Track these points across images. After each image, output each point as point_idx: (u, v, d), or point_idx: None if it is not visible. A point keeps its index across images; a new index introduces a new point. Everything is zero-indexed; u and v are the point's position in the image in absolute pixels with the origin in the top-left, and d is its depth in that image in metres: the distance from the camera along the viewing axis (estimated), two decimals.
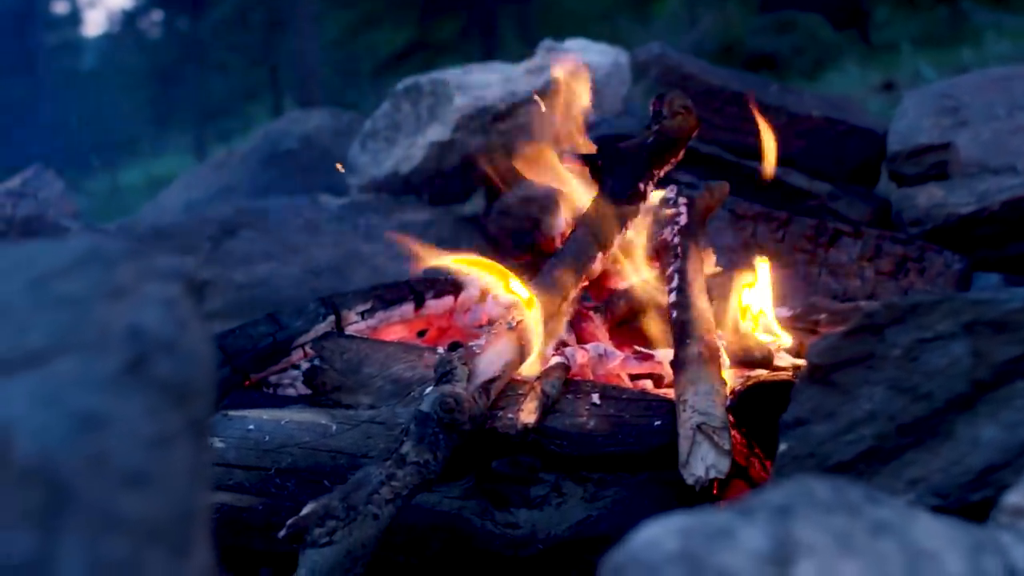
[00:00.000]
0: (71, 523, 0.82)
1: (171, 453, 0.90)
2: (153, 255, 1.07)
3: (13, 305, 1.02)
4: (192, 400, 0.95)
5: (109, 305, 1.00)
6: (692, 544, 1.01)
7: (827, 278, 3.14)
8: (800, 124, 4.00)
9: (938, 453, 1.60)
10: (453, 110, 4.11)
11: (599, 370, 2.39)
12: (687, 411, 2.02)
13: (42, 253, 1.08)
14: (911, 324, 1.62)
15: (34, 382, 0.93)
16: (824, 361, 1.66)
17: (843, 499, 1.10)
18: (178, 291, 1.03)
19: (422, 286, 2.66)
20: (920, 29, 15.13)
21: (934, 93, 4.01)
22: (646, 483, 2.10)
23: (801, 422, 1.67)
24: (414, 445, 1.98)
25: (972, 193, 3.36)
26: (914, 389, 1.61)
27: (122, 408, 0.90)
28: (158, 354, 0.95)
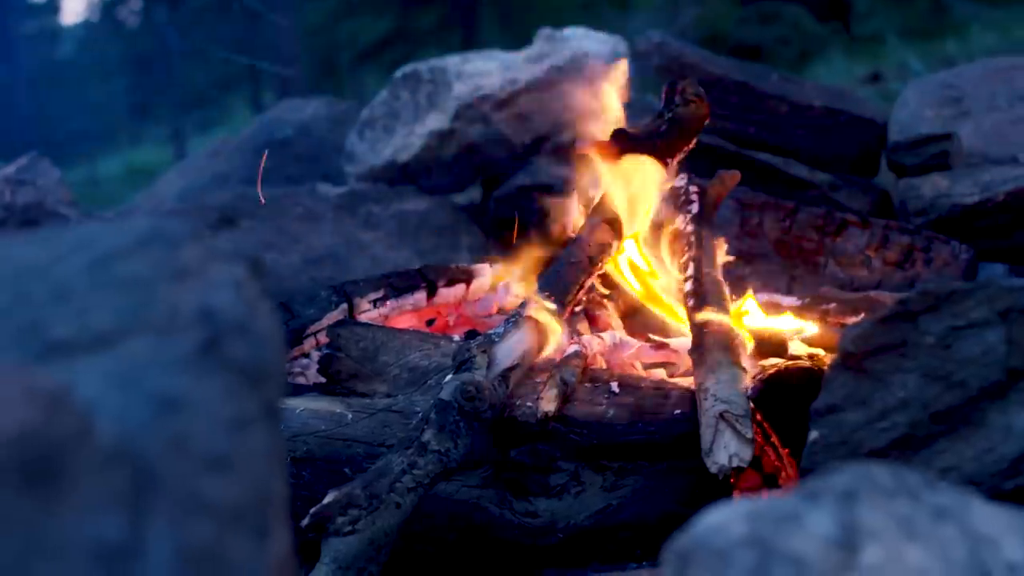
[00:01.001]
0: (158, 506, 0.81)
1: (250, 436, 0.89)
2: (215, 236, 1.06)
3: (74, 287, 1.01)
4: (266, 383, 0.94)
5: (175, 286, 0.99)
6: (760, 528, 1.01)
7: (834, 268, 3.14)
8: (801, 114, 4.00)
9: (971, 441, 1.60)
10: (452, 98, 4.10)
11: (614, 359, 2.39)
12: (709, 399, 2.01)
13: (101, 234, 1.07)
14: (945, 312, 1.61)
15: (106, 364, 0.92)
16: (857, 348, 1.66)
17: (903, 484, 1.09)
18: (243, 272, 1.02)
19: (434, 274, 2.65)
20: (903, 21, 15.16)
21: (936, 83, 4.02)
22: (666, 472, 2.10)
23: (833, 409, 1.67)
24: (435, 433, 1.97)
25: (976, 183, 3.36)
26: (947, 377, 1.61)
27: (200, 390, 0.89)
28: (231, 336, 0.94)
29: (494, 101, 4.07)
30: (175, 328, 0.95)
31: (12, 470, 0.76)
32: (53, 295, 1.00)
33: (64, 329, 0.96)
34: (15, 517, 0.76)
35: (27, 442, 0.77)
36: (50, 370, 0.92)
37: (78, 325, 0.97)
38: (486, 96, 4.07)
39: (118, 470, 0.81)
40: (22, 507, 0.76)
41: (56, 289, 1.01)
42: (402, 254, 4.00)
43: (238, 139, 4.96)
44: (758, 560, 0.98)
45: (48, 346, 0.96)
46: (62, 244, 1.07)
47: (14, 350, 0.96)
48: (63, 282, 1.01)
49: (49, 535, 0.76)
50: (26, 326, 0.98)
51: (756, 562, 0.98)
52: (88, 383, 0.90)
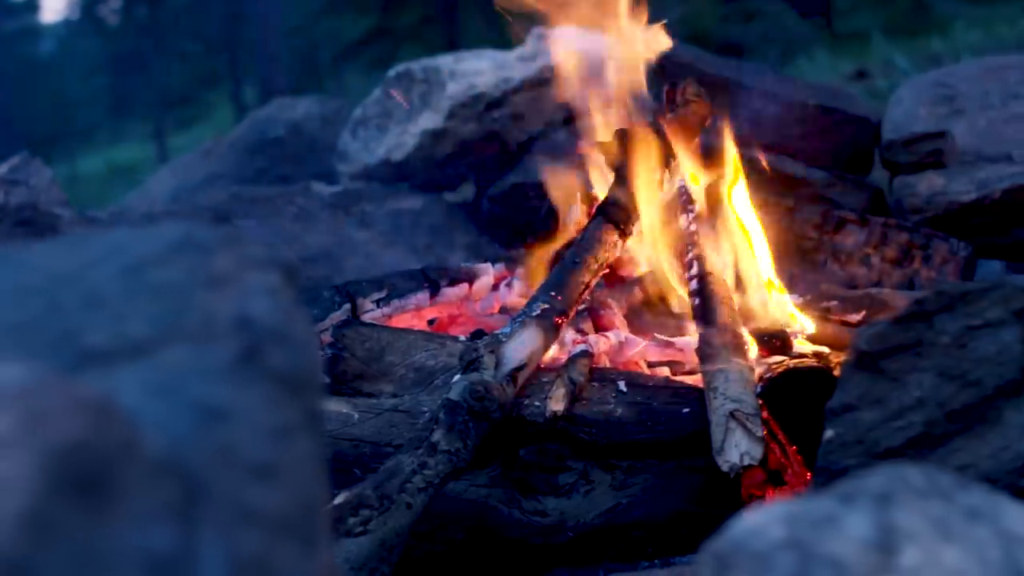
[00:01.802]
0: (208, 516, 0.80)
1: (293, 445, 0.88)
2: (247, 242, 1.06)
3: (106, 294, 1.00)
4: (306, 391, 0.93)
5: (210, 294, 0.98)
6: (798, 531, 1.01)
7: (833, 265, 3.15)
8: (795, 112, 4.01)
9: (987, 439, 1.60)
10: (446, 97, 4.09)
11: (619, 358, 2.39)
12: (718, 398, 2.02)
13: (132, 241, 1.07)
14: (960, 311, 1.61)
15: (144, 373, 0.92)
16: (872, 348, 1.66)
17: (936, 485, 1.09)
18: (278, 279, 1.01)
19: (436, 274, 2.65)
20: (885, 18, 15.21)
21: (929, 82, 4.03)
22: (675, 470, 2.10)
23: (848, 408, 1.67)
24: (444, 433, 1.97)
25: (972, 181, 3.38)
26: (963, 376, 1.61)
27: (242, 399, 0.88)
28: (270, 344, 0.93)
29: (488, 100, 4.07)
30: (213, 336, 0.94)
31: (64, 482, 0.76)
32: (85, 303, 1.00)
33: (99, 337, 0.96)
34: (67, 529, 0.75)
35: (77, 453, 0.76)
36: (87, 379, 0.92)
37: (113, 333, 0.96)
38: (480, 95, 4.07)
39: (167, 481, 0.80)
40: (74, 519, 0.76)
41: (88, 297, 1.00)
42: (396, 253, 3.99)
43: (230, 138, 4.94)
44: (798, 563, 0.97)
45: (83, 355, 0.95)
46: (91, 251, 1.06)
47: (49, 359, 0.95)
48: (95, 289, 1.01)
49: (101, 547, 0.76)
50: (60, 334, 0.97)
51: (797, 565, 0.98)
52: (128, 392, 0.89)
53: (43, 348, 0.97)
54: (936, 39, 10.96)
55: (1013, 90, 3.80)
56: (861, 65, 10.34)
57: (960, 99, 3.84)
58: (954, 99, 3.85)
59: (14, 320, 1.00)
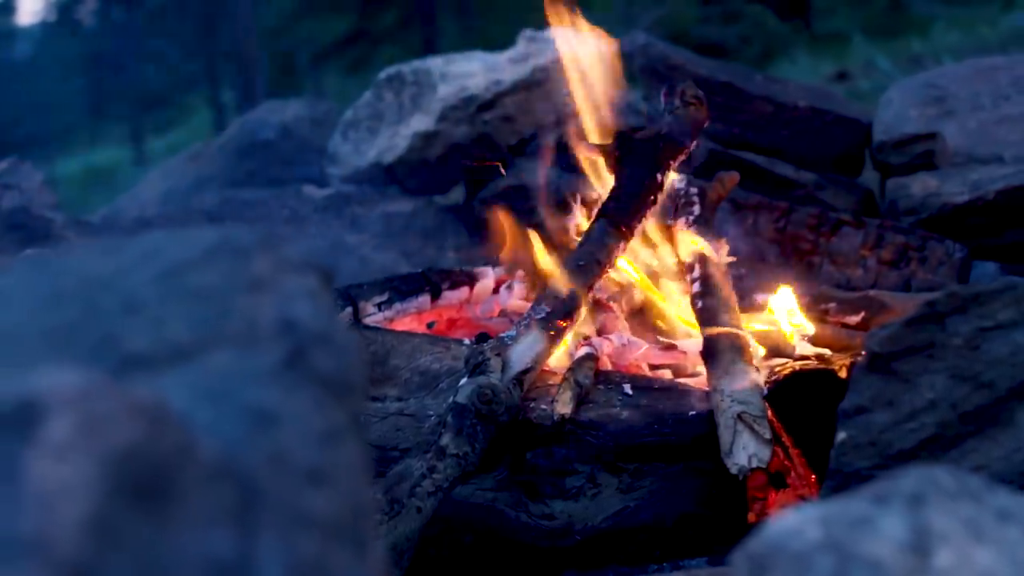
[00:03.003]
0: (264, 521, 0.80)
1: (341, 448, 0.89)
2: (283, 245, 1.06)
3: (144, 299, 1.00)
4: (351, 394, 0.93)
5: (250, 297, 0.98)
6: (835, 533, 1.01)
7: (829, 267, 3.16)
8: (786, 113, 4.02)
9: (999, 441, 1.61)
10: (437, 100, 4.09)
11: (622, 360, 2.39)
12: (725, 400, 2.02)
13: (167, 245, 1.06)
14: (973, 313, 1.62)
15: (190, 378, 0.92)
16: (884, 350, 1.67)
17: (966, 487, 1.10)
18: (316, 282, 1.02)
19: (438, 277, 2.65)
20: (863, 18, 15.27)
21: (919, 83, 4.06)
22: (682, 473, 2.10)
23: (861, 410, 1.67)
24: (453, 437, 1.97)
25: (965, 183, 3.40)
26: (976, 377, 1.62)
27: (291, 404, 0.88)
28: (315, 348, 0.94)
29: (479, 102, 4.07)
30: (256, 340, 0.94)
31: (124, 487, 0.76)
32: (124, 307, 0.99)
33: (140, 342, 0.96)
34: (130, 534, 0.75)
35: (135, 459, 0.76)
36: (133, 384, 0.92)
37: (154, 338, 0.96)
38: (471, 97, 4.07)
39: (223, 486, 0.80)
40: (135, 524, 0.76)
41: (127, 301, 1.00)
42: (388, 256, 3.99)
43: (219, 141, 4.93)
44: (837, 564, 0.98)
45: (126, 360, 0.95)
46: (127, 255, 1.06)
47: (91, 364, 0.95)
48: (133, 294, 1.00)
49: (163, 552, 0.76)
50: (100, 340, 0.97)
51: (835, 566, 0.98)
52: (176, 397, 0.89)
53: (84, 353, 0.97)
54: (916, 40, 11.00)
55: (1003, 91, 3.82)
56: (842, 66, 10.38)
57: (950, 100, 3.86)
58: (944, 100, 3.87)
59: (52, 325, 1.00)
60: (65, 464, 0.73)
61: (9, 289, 1.05)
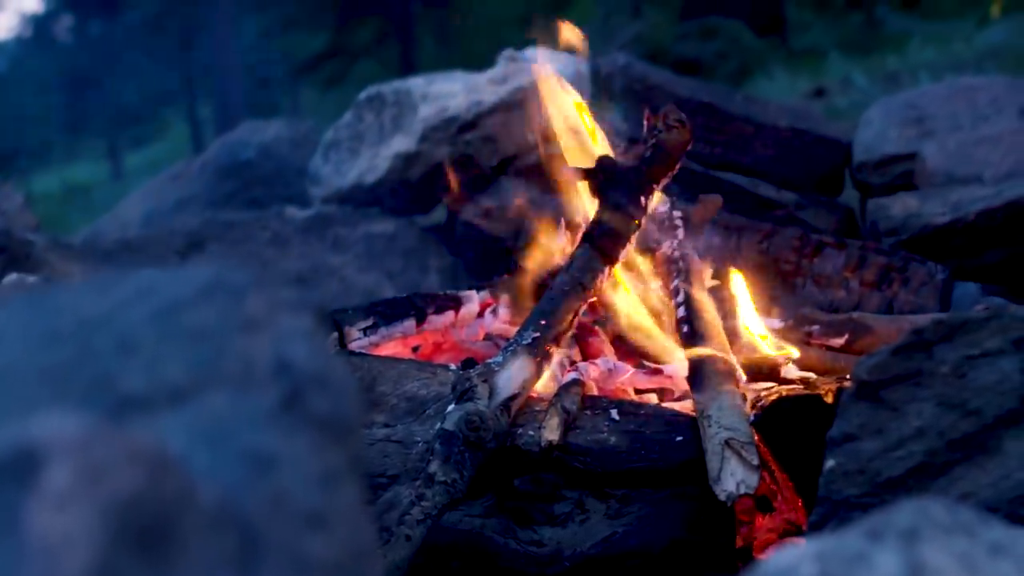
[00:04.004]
0: (266, 567, 0.80)
1: (340, 491, 0.88)
2: (277, 285, 1.05)
3: (140, 338, 1.00)
4: (348, 436, 0.93)
5: (246, 338, 0.98)
6: (831, 569, 1.02)
7: (812, 289, 3.17)
8: (766, 134, 4.04)
9: (987, 468, 1.61)
10: (418, 121, 4.09)
11: (608, 385, 2.39)
12: (712, 426, 2.03)
13: (161, 283, 1.06)
14: (959, 341, 1.63)
15: (187, 420, 0.91)
16: (872, 378, 1.67)
17: (959, 521, 1.11)
18: (311, 322, 1.01)
19: (423, 301, 2.65)
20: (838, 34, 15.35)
21: (899, 104, 4.08)
22: (669, 498, 2.10)
23: (849, 438, 1.68)
24: (441, 464, 1.97)
25: (946, 203, 3.41)
26: (963, 405, 1.63)
27: (289, 446, 0.88)
28: (311, 390, 0.93)
29: (460, 123, 4.08)
30: (253, 382, 0.94)
31: (125, 535, 0.75)
32: (119, 347, 0.99)
33: (136, 383, 0.95)
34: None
35: (137, 506, 0.76)
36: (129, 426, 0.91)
37: (150, 379, 0.96)
38: (452, 118, 4.08)
39: (224, 531, 0.80)
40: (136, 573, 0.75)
41: (121, 341, 1.00)
42: (371, 276, 3.99)
43: (200, 161, 4.93)
44: None
45: (121, 401, 0.94)
46: (120, 293, 1.06)
47: (87, 405, 0.95)
48: (128, 334, 1.00)
49: None
50: (95, 380, 0.97)
51: None
52: (174, 439, 0.89)
53: (79, 394, 0.96)
54: (892, 57, 11.07)
55: (982, 112, 3.85)
56: (819, 83, 10.43)
57: (929, 121, 3.89)
58: (924, 121, 3.89)
59: (47, 365, 0.99)
60: (66, 513, 0.73)
61: (2, 327, 1.05)
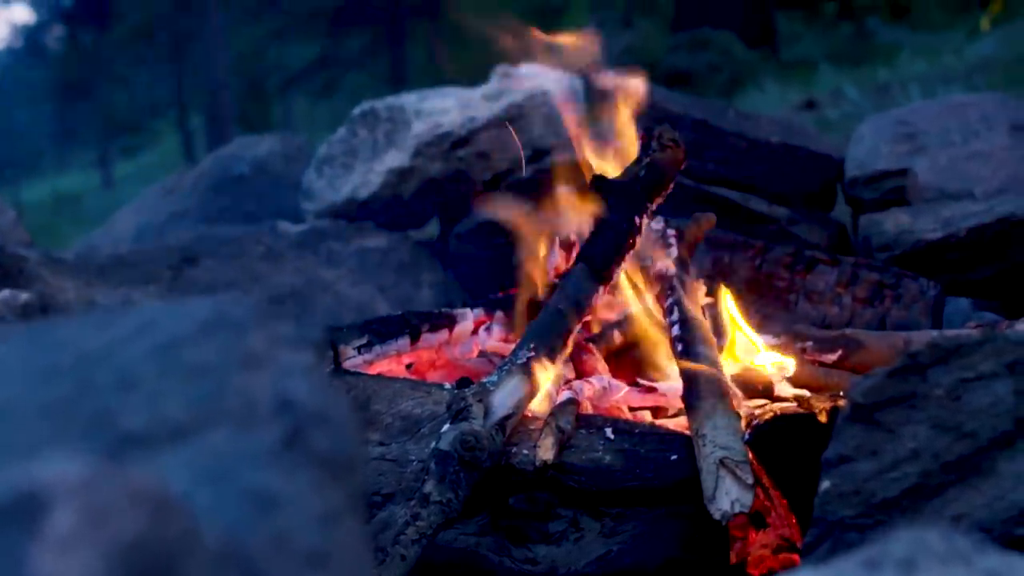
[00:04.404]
0: None
1: (342, 529, 0.89)
2: (277, 320, 1.06)
3: (140, 375, 1.00)
4: (349, 473, 0.94)
5: (247, 375, 0.98)
6: None
7: (805, 305, 3.18)
8: (759, 150, 4.05)
9: (981, 490, 1.62)
10: (411, 136, 4.10)
11: (603, 403, 2.40)
12: (707, 446, 2.03)
13: (161, 318, 1.07)
14: (954, 364, 1.64)
15: (188, 457, 0.92)
16: (868, 400, 1.68)
17: (956, 549, 1.11)
18: (311, 359, 1.02)
19: (417, 319, 2.65)
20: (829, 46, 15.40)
21: (891, 120, 4.10)
22: (664, 516, 2.11)
23: (845, 460, 1.69)
24: (436, 484, 1.97)
25: (937, 219, 3.43)
26: (958, 427, 1.64)
27: (291, 485, 0.89)
28: (313, 427, 0.94)
29: (454, 139, 4.08)
30: (254, 420, 0.94)
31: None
32: (119, 383, 0.99)
33: (136, 420, 0.96)
34: None
35: (141, 548, 0.76)
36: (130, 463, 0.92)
37: (150, 416, 0.96)
38: (446, 134, 4.08)
39: (227, 571, 0.81)
40: None
41: (122, 377, 1.00)
42: (364, 291, 3.99)
43: (193, 175, 4.93)
44: None
45: (122, 438, 0.95)
46: (120, 328, 1.06)
47: (86, 442, 0.95)
48: (128, 369, 1.00)
49: None
50: (95, 417, 0.97)
51: None
52: (175, 478, 0.89)
53: (79, 431, 0.96)
54: (882, 68, 11.10)
55: (973, 128, 3.87)
56: (809, 94, 10.45)
57: (921, 137, 3.91)
58: (916, 137, 3.91)
59: (47, 401, 1.00)
60: (70, 556, 0.74)
61: (2, 362, 1.05)
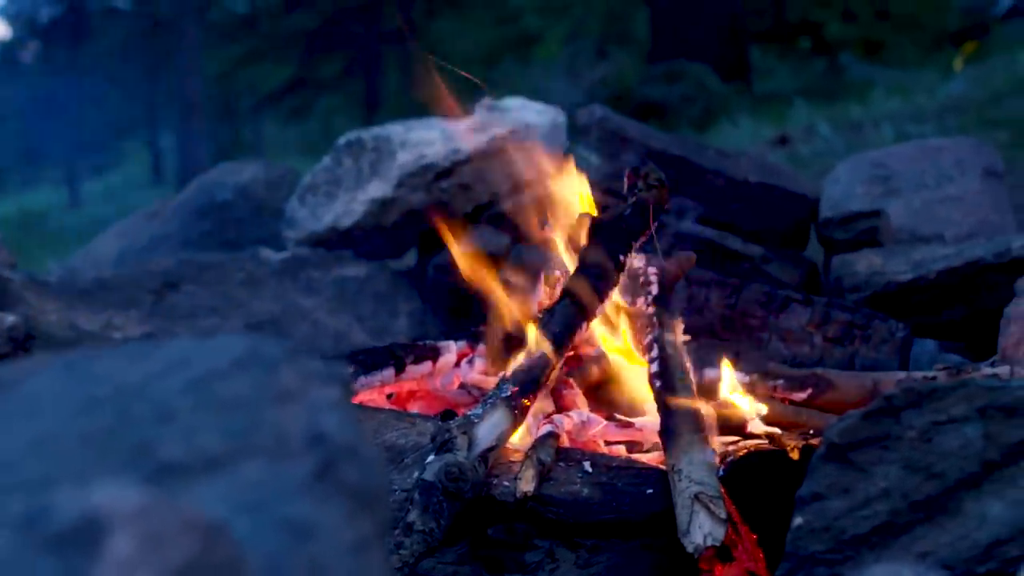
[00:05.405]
0: None
1: (371, 557, 0.96)
2: (308, 357, 1.13)
3: (176, 408, 1.07)
4: (376, 505, 1.01)
5: (279, 409, 1.05)
6: None
7: (777, 343, 3.27)
8: (736, 188, 4.14)
9: (947, 528, 1.71)
10: (396, 167, 4.16)
11: (581, 437, 2.48)
12: (683, 481, 2.11)
13: (196, 354, 1.13)
14: (927, 408, 1.73)
15: (224, 487, 0.99)
16: (842, 440, 1.77)
17: None
18: (341, 394, 1.09)
19: (402, 351, 2.72)
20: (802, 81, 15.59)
21: (866, 162, 4.20)
22: (638, 549, 2.18)
23: (817, 497, 1.77)
24: (420, 514, 2.04)
25: (908, 262, 3.52)
26: (927, 468, 1.72)
27: (324, 515, 0.95)
28: (343, 460, 1.01)
29: (437, 170, 4.15)
30: (287, 452, 1.01)
31: None
32: (157, 416, 1.06)
33: (174, 450, 1.03)
34: None
35: (192, 572, 0.83)
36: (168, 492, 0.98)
37: (187, 447, 1.03)
38: (429, 165, 4.15)
39: None
40: None
41: (159, 410, 1.07)
42: (342, 320, 4.05)
43: (176, 201, 4.98)
44: None
45: (160, 468, 1.02)
46: (156, 363, 1.13)
47: (128, 472, 1.02)
48: (165, 402, 1.07)
49: None
50: (135, 448, 1.04)
51: None
52: (211, 507, 0.96)
53: (120, 461, 1.03)
54: (855, 106, 11.24)
55: (947, 172, 3.98)
56: (783, 129, 10.56)
57: (895, 179, 4.01)
58: (890, 179, 4.02)
59: (88, 432, 1.06)
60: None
61: (43, 394, 1.11)
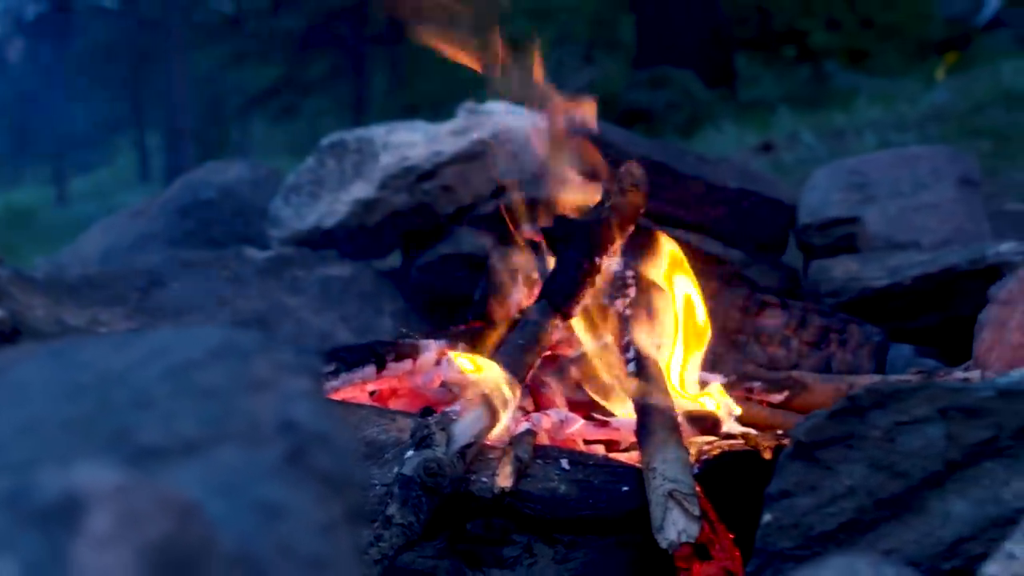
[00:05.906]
0: None
1: (341, 539, 0.99)
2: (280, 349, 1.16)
3: (155, 394, 1.10)
4: (347, 490, 1.04)
5: (252, 397, 1.09)
6: None
7: (755, 347, 3.31)
8: (717, 194, 4.18)
9: (912, 526, 1.75)
10: (378, 168, 4.20)
11: (559, 435, 2.51)
12: (657, 478, 2.15)
13: (174, 343, 1.17)
14: (891, 408, 1.77)
15: (200, 471, 1.02)
16: (809, 439, 1.81)
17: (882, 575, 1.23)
18: (313, 384, 1.12)
19: (383, 349, 2.75)
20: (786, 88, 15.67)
21: (844, 169, 4.25)
22: (614, 546, 2.22)
23: (786, 494, 1.81)
24: (399, 508, 2.07)
25: (884, 267, 3.57)
26: (892, 467, 1.76)
27: (295, 498, 0.99)
28: (314, 446, 1.04)
29: (419, 172, 4.19)
30: (259, 438, 1.05)
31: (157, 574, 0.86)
32: (136, 402, 1.10)
33: (152, 435, 1.06)
34: None
35: (168, 549, 0.86)
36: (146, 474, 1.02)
37: (165, 431, 1.06)
38: (412, 167, 4.19)
39: (240, 574, 0.91)
40: None
41: (138, 396, 1.10)
42: (326, 319, 4.08)
43: (161, 199, 5.01)
44: None
45: (139, 451, 1.05)
46: (136, 351, 1.16)
47: (108, 454, 1.05)
48: (144, 389, 1.11)
49: None
50: (114, 431, 1.07)
51: None
52: (188, 489, 0.99)
53: (101, 444, 1.06)
54: (838, 113, 11.31)
55: (923, 180, 4.02)
56: (767, 136, 10.63)
57: (872, 186, 4.05)
58: (867, 186, 4.06)
59: (70, 417, 1.10)
60: (107, 553, 0.84)
61: (29, 380, 1.15)
